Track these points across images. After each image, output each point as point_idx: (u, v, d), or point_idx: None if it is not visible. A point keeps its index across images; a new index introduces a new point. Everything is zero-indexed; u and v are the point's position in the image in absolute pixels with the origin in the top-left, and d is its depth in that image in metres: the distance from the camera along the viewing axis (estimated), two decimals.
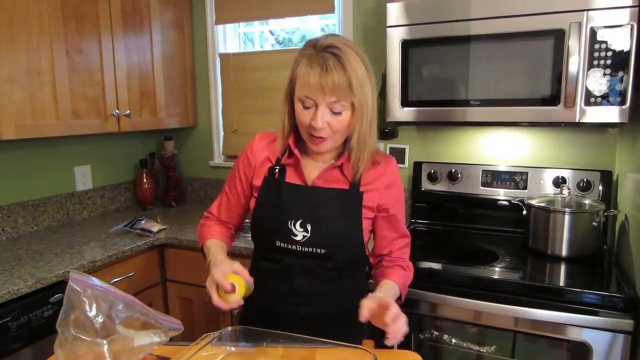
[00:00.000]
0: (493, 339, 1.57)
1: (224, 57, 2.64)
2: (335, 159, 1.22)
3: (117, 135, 2.59)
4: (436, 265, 1.69)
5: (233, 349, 1.08)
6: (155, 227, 2.13)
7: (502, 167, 2.05)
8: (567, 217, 1.68)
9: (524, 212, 1.81)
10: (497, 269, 1.64)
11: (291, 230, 1.16)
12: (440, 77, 1.80)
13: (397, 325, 0.99)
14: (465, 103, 1.76)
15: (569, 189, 1.78)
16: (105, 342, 0.97)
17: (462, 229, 2.12)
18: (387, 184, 1.22)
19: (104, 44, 2.10)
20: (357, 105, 1.09)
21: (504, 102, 1.70)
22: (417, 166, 2.20)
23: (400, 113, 1.89)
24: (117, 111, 2.17)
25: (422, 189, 2.19)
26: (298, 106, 1.13)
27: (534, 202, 1.79)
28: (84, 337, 0.95)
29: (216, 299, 1.04)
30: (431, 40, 1.77)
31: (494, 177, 2.06)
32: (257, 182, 1.24)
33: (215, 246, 1.24)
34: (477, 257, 1.79)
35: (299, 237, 1.16)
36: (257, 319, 1.20)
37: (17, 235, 2.11)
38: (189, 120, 2.69)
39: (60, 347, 0.95)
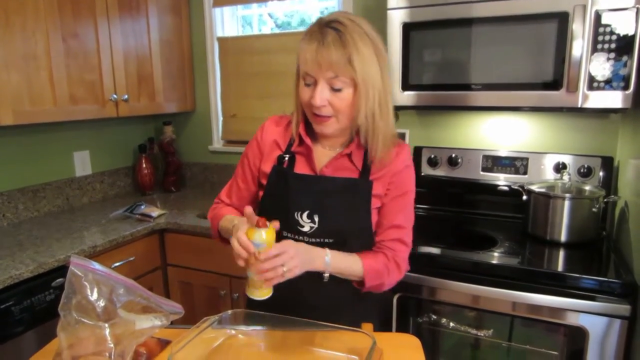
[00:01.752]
0: (490, 323, 1.58)
1: (222, 41, 2.62)
2: (344, 146, 1.19)
3: (116, 120, 2.57)
4: (435, 250, 1.70)
5: (233, 332, 1.09)
6: (155, 212, 2.14)
7: (503, 153, 2.05)
8: (567, 203, 1.68)
9: (524, 197, 1.81)
10: (496, 253, 1.64)
11: (298, 221, 1.14)
12: (442, 60, 1.78)
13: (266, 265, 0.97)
14: (467, 87, 1.75)
15: (569, 174, 1.78)
16: (107, 325, 0.98)
17: (462, 214, 2.12)
18: (395, 172, 1.17)
19: (100, 28, 2.07)
20: (359, 82, 1.04)
21: (505, 87, 1.69)
22: (417, 151, 2.20)
23: (401, 97, 1.87)
24: (114, 96, 2.15)
25: (422, 174, 2.18)
26: (300, 84, 1.10)
27: (534, 187, 1.79)
28: (86, 320, 0.96)
29: (244, 240, 0.98)
30: (432, 23, 1.75)
31: (494, 162, 2.05)
32: (266, 168, 1.21)
33: (234, 217, 1.20)
34: (477, 242, 1.80)
35: (306, 229, 1.14)
36: (263, 306, 1.19)
37: (18, 221, 2.11)
38: (188, 104, 2.68)
39: (63, 330, 0.96)
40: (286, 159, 1.18)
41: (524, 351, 1.56)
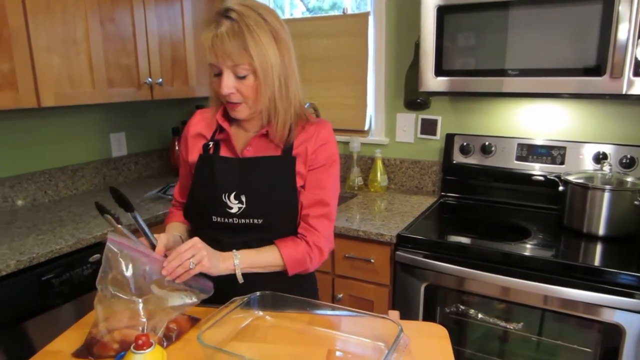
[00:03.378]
0: (520, 316, 1.55)
1: None
2: (261, 127, 1.20)
3: (151, 103, 2.63)
4: (465, 240, 1.67)
5: (261, 313, 1.11)
6: None
7: (539, 141, 1.98)
8: (606, 195, 1.62)
9: (561, 188, 1.76)
10: (528, 245, 1.61)
11: (226, 203, 1.16)
12: (477, 45, 1.73)
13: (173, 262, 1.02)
14: (503, 73, 1.70)
15: (610, 165, 1.71)
16: (140, 300, 1.01)
17: (494, 203, 2.08)
18: (315, 149, 1.18)
19: (137, 12, 2.11)
20: (257, 68, 1.07)
21: (544, 72, 1.63)
22: (449, 138, 2.15)
23: (433, 83, 1.83)
24: (149, 79, 2.19)
25: (454, 161, 2.14)
26: (211, 74, 1.14)
27: (571, 177, 1.73)
28: (120, 295, 1.00)
29: None
30: (468, 6, 1.70)
31: (529, 151, 1.99)
32: (192, 159, 1.24)
33: (172, 228, 1.28)
34: (508, 232, 1.76)
35: (234, 210, 1.16)
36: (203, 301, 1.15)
37: (59, 198, 2.20)
38: None
39: (100, 303, 1.00)
40: (211, 145, 1.21)
41: (555, 346, 1.53)
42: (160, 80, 2.24)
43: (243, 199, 1.15)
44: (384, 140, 2.38)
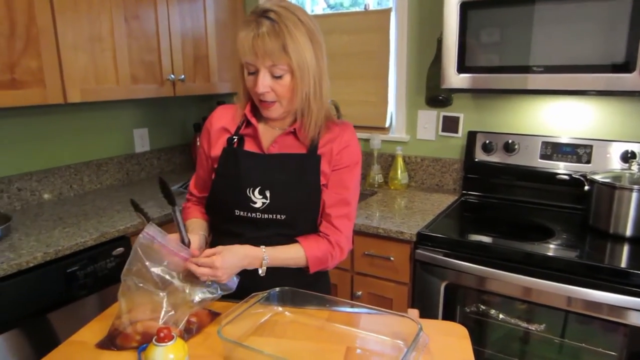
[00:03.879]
0: (543, 317, 1.52)
1: None
2: (289, 124, 1.22)
3: (173, 99, 2.66)
4: (486, 239, 1.65)
5: (280, 308, 1.12)
6: None
7: (564, 139, 1.94)
8: (634, 195, 1.57)
9: (586, 187, 1.72)
10: (552, 245, 1.58)
11: (250, 197, 1.17)
12: (501, 41, 1.70)
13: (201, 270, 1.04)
14: (527, 69, 1.66)
15: (638, 164, 1.66)
16: (163, 294, 1.02)
17: (516, 202, 2.04)
18: (340, 149, 1.20)
19: (160, 10, 2.13)
20: (294, 68, 1.09)
21: (570, 69, 1.59)
22: (471, 136, 2.12)
23: (456, 79, 1.81)
24: (172, 76, 2.22)
25: (476, 159, 2.12)
26: (244, 72, 1.14)
27: (598, 177, 1.69)
28: (145, 287, 1.01)
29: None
30: (492, 2, 1.67)
31: (554, 150, 1.95)
32: (215, 153, 1.24)
33: (193, 224, 1.29)
34: (531, 232, 1.73)
35: (258, 205, 1.16)
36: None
37: (83, 192, 2.25)
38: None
39: (123, 295, 1.02)
40: (235, 139, 1.22)
41: (579, 349, 1.50)
42: (183, 76, 2.27)
43: (267, 194, 1.16)
44: (404, 138, 2.36)
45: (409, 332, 0.95)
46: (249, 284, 1.12)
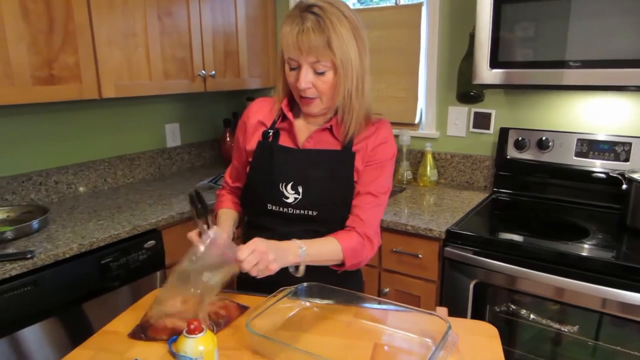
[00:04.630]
0: (576, 318, 1.48)
1: None
2: (327, 121, 1.20)
3: (203, 95, 2.70)
4: (518, 238, 1.62)
5: (308, 303, 1.12)
6: None
7: (601, 136, 1.88)
8: None
9: (624, 186, 1.66)
10: (586, 245, 1.53)
11: (282, 192, 1.17)
12: (536, 35, 1.65)
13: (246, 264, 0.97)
14: (563, 64, 1.61)
15: None
16: (194, 290, 1.03)
17: (550, 201, 1.99)
18: (375, 146, 1.19)
19: (192, 6, 2.16)
20: (338, 65, 1.08)
21: (608, 64, 1.54)
22: (504, 132, 2.08)
23: (488, 75, 1.77)
24: (203, 72, 2.25)
25: (508, 156, 2.07)
26: (286, 67, 1.14)
27: (636, 175, 1.63)
28: (180, 281, 1.02)
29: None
30: None
31: (590, 147, 1.89)
32: (250, 146, 1.24)
33: (224, 215, 1.28)
34: (565, 231, 1.69)
35: (290, 200, 1.17)
36: (252, 280, 1.11)
37: (117, 186, 2.31)
38: (270, 80, 2.73)
39: (162, 287, 1.03)
40: (271, 133, 1.22)
41: (613, 352, 1.45)
42: (213, 72, 2.30)
43: (300, 189, 1.16)
44: (434, 134, 2.33)
45: (438, 330, 0.95)
46: (277, 278, 1.11)
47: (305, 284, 1.10)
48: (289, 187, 1.17)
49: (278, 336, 1.00)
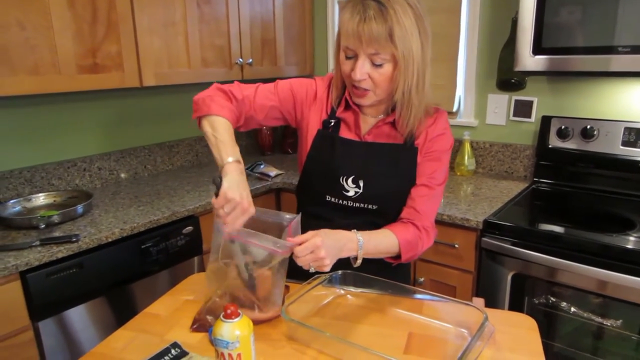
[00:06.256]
0: (619, 312, 1.44)
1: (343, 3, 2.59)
2: (386, 113, 1.16)
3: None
4: (559, 229, 1.57)
5: (342, 291, 1.13)
6: (272, 171, 2.25)
7: None
8: None
9: None
10: (632, 238, 1.47)
11: (343, 186, 1.15)
12: (582, 20, 1.58)
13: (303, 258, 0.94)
14: (611, 50, 1.54)
15: None
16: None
17: (594, 191, 1.91)
18: (433, 137, 1.16)
19: None
20: (399, 58, 1.01)
21: None
22: (546, 121, 2.01)
23: (531, 62, 1.71)
24: (240, 60, 2.27)
25: (550, 146, 2.00)
26: (341, 55, 1.09)
27: None
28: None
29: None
30: None
31: (638, 136, 1.80)
32: (313, 121, 1.19)
33: (225, 132, 1.18)
34: (609, 223, 1.62)
35: (350, 193, 1.15)
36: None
37: (156, 173, 2.38)
38: (307, 68, 2.73)
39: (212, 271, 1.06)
40: (332, 123, 1.18)
41: None
42: (251, 60, 2.31)
43: (361, 183, 1.15)
44: (473, 122, 2.27)
45: (474, 321, 0.93)
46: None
47: (340, 272, 1.11)
48: (349, 180, 1.15)
49: (312, 323, 1.01)
